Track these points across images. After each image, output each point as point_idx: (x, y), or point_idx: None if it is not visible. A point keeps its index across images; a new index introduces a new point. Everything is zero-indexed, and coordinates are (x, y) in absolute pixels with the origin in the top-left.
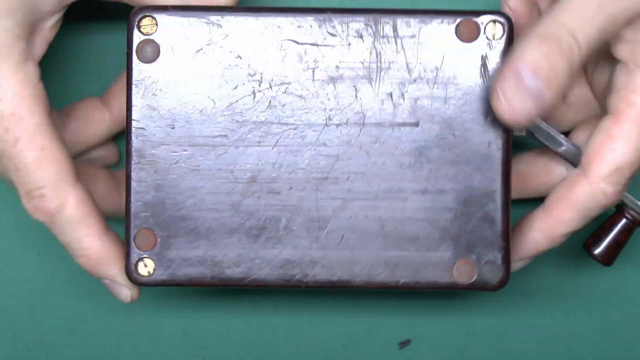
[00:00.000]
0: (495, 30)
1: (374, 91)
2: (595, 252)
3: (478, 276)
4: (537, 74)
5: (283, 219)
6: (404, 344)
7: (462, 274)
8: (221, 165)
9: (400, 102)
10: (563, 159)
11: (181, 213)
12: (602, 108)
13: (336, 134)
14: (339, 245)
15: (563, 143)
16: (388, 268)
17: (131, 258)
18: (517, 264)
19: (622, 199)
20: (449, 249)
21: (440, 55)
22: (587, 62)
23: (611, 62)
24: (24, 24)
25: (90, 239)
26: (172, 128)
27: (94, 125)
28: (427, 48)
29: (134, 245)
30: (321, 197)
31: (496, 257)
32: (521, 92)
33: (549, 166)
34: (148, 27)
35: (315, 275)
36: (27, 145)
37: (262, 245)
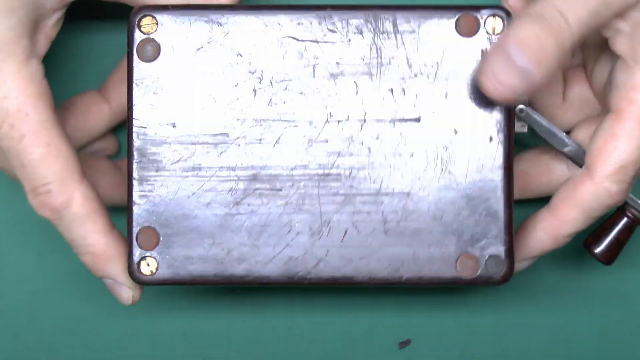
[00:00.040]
0: (495, 25)
1: (375, 87)
2: (596, 251)
3: (482, 271)
4: (526, 52)
5: (285, 216)
6: (404, 344)
7: (465, 269)
8: (223, 163)
9: (401, 97)
10: (568, 158)
11: (183, 211)
12: (602, 106)
13: (337, 130)
14: (342, 242)
15: (567, 143)
16: (391, 264)
17: (133, 257)
18: (521, 264)
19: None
20: (452, 244)
21: (440, 51)
22: (587, 59)
23: (611, 60)
24: (26, 21)
25: (95, 236)
26: (173, 126)
27: (94, 118)
28: (427, 43)
29: (136, 244)
30: (323, 194)
31: (500, 252)
32: (509, 69)
33: (551, 165)
34: (148, 26)
35: (318, 272)
36: (32, 141)
37: (264, 243)
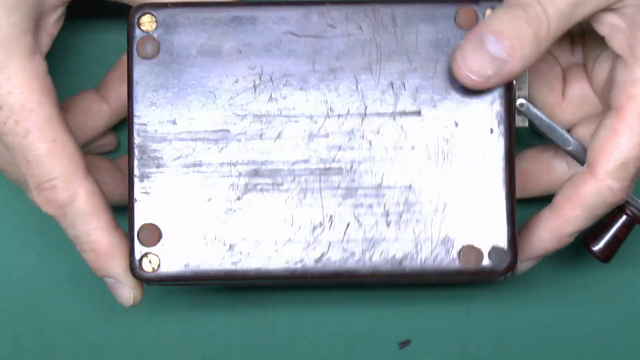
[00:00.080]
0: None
1: (375, 81)
2: (594, 249)
3: (485, 262)
4: (500, 39)
5: (287, 211)
6: (404, 344)
7: (468, 261)
8: (223, 159)
9: (402, 91)
10: (567, 154)
11: (185, 207)
12: (603, 105)
13: (338, 124)
14: (344, 236)
15: (567, 138)
16: (394, 257)
17: (135, 254)
18: (524, 265)
19: None
20: (454, 235)
21: (440, 43)
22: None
23: (611, 58)
24: (29, 18)
25: (98, 233)
26: (173, 123)
27: (93, 118)
28: (426, 36)
29: (138, 241)
30: (324, 188)
31: (502, 243)
32: (480, 54)
33: (551, 163)
34: (148, 24)
35: (321, 266)
36: (37, 137)
37: (266, 238)
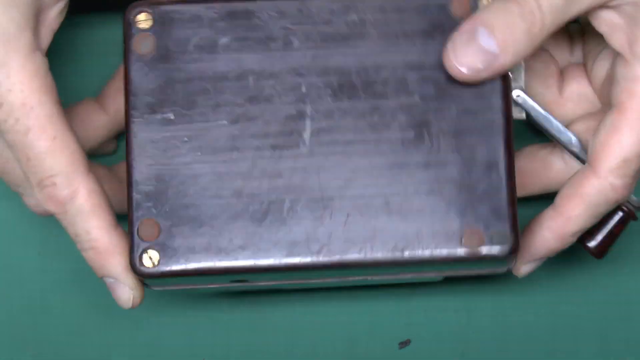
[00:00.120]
0: (489, 3)
1: (372, 67)
2: (590, 245)
3: (487, 247)
4: (492, 33)
5: (287, 201)
6: (404, 344)
7: (470, 246)
8: (222, 152)
9: (399, 78)
10: (568, 151)
11: (184, 201)
12: (602, 103)
13: (336, 109)
14: (344, 224)
15: (572, 139)
16: (395, 244)
17: (135, 249)
18: (527, 267)
19: None
20: (455, 221)
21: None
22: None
23: (611, 56)
24: (29, 14)
25: (99, 231)
26: (171, 118)
27: (93, 128)
28: (421, 25)
29: (138, 237)
30: (324, 177)
31: (504, 227)
32: (471, 47)
33: (548, 160)
34: (144, 22)
35: (321, 255)
36: (38, 134)
37: (266, 229)
